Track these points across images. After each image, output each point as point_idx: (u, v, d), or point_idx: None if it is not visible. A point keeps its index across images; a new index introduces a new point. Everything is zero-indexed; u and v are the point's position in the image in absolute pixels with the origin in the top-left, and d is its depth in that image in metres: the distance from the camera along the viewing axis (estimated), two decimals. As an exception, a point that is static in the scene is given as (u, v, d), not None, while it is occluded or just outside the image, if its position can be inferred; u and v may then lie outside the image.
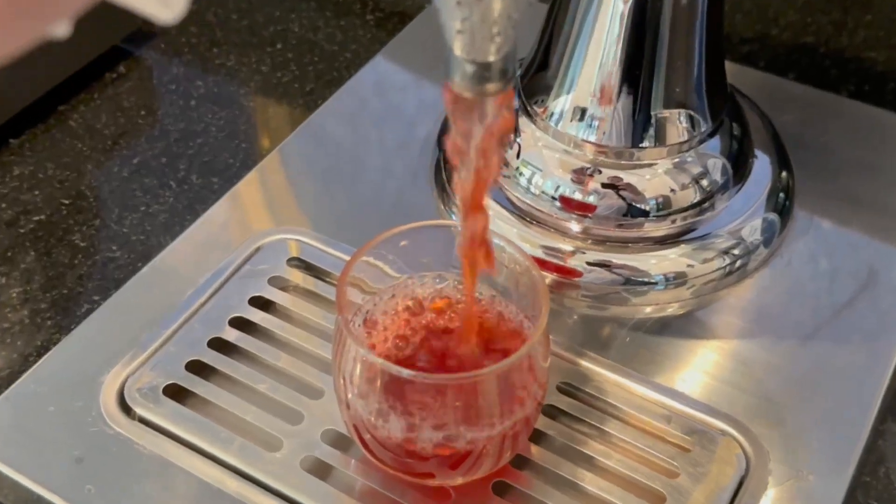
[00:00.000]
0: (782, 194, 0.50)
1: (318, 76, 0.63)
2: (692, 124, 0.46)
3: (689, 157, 0.47)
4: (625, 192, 0.46)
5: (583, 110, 0.46)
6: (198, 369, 0.43)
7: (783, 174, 0.51)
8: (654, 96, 0.44)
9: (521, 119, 0.49)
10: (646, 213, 0.46)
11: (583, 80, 0.46)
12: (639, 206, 0.46)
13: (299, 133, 0.55)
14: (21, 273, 0.50)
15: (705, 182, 0.47)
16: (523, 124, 0.49)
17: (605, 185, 0.46)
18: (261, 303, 0.46)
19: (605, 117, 0.45)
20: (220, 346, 0.44)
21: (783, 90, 0.57)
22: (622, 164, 0.46)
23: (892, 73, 0.60)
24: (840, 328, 0.45)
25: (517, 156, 0.48)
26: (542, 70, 0.48)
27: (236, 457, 0.40)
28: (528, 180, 0.48)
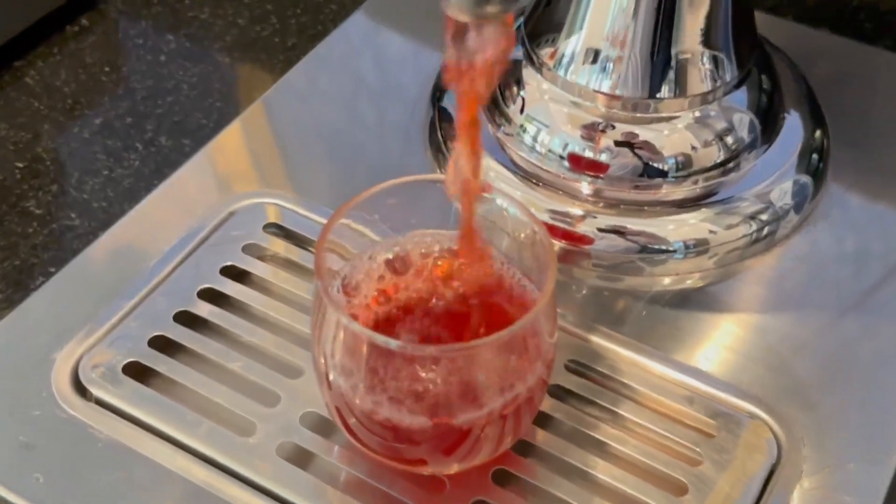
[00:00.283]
0: (816, 155, 0.49)
1: (300, 30, 0.62)
2: (717, 70, 0.45)
3: (713, 110, 0.46)
4: (640, 149, 0.45)
5: (595, 53, 0.45)
6: (162, 346, 0.43)
7: (817, 133, 0.50)
8: (675, 35, 0.43)
9: (525, 70, 0.48)
10: (664, 174, 0.45)
11: (594, 16, 0.44)
12: (656, 165, 0.45)
13: (279, 88, 0.55)
14: (-31, 242, 0.50)
15: (730, 139, 0.46)
16: (527, 76, 0.48)
17: (618, 142, 0.45)
18: (234, 273, 0.45)
19: (619, 60, 0.44)
20: (187, 320, 0.43)
21: (817, 42, 0.56)
22: (638, 117, 0.45)
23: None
24: (876, 303, 0.44)
25: (521, 111, 0.48)
26: (548, 7, 0.46)
27: (204, 442, 0.39)
28: (534, 138, 0.47)
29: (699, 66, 0.45)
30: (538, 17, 0.47)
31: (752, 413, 0.40)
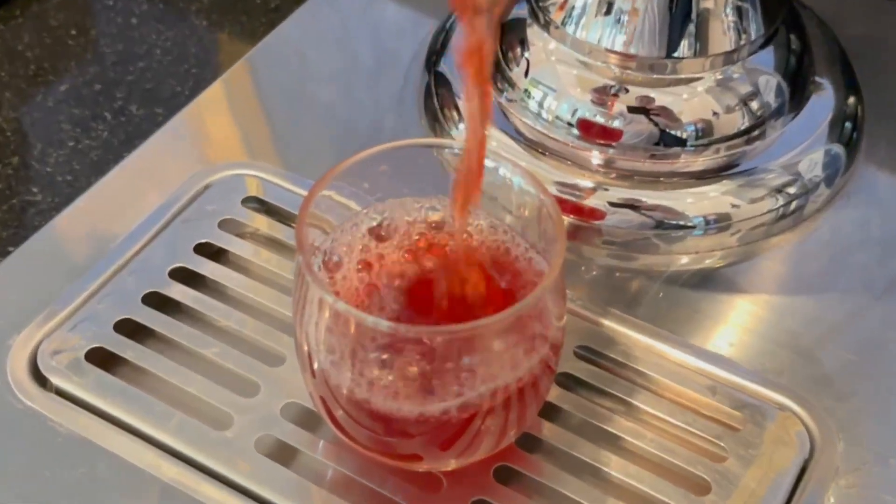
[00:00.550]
0: (849, 123, 0.48)
1: (284, -11, 0.61)
2: (741, 26, 0.44)
3: (737, 71, 0.45)
4: (657, 115, 0.45)
5: (608, 4, 0.44)
6: (130, 330, 0.42)
7: (850, 99, 0.49)
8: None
9: (530, 29, 0.47)
10: (682, 142, 0.45)
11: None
12: (674, 132, 0.45)
13: (261, 50, 0.54)
14: (-80, 218, 0.49)
15: (755, 104, 0.45)
16: (532, 35, 0.47)
17: (632, 107, 0.45)
18: (209, 251, 0.45)
19: (634, 13, 0.43)
20: (158, 302, 0.43)
21: (850, 1, 0.55)
22: (654, 79, 0.45)
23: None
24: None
25: (525, 74, 0.47)
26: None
27: (175, 436, 0.39)
28: (539, 103, 0.46)
29: (722, 20, 0.44)
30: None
31: (781, 404, 0.40)
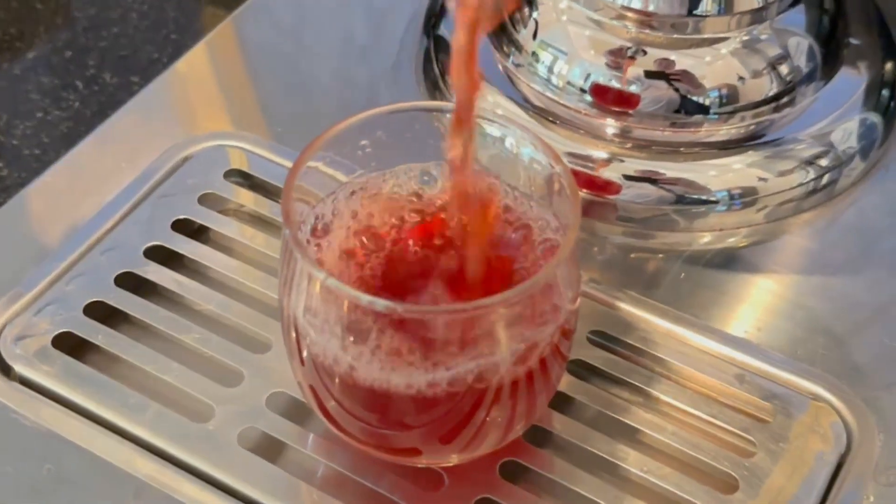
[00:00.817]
0: (886, 91, 0.48)
1: (271, -51, 0.61)
2: None
3: (764, 32, 0.45)
4: (677, 80, 0.44)
5: None
6: (101, 314, 0.42)
7: (888, 65, 0.49)
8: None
9: None
10: (705, 109, 0.45)
11: None
12: (696, 99, 0.45)
13: (246, 11, 0.54)
14: None
15: (785, 68, 0.45)
16: None
17: (650, 71, 0.44)
18: (189, 228, 0.45)
19: None
20: (132, 283, 0.43)
21: None
22: (674, 40, 0.44)
23: None
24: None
25: (533, 36, 0.47)
26: None
27: (151, 429, 0.39)
28: (549, 68, 0.46)
29: (750, -28, 0.44)
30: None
31: (814, 394, 0.40)
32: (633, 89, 0.44)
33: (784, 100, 0.45)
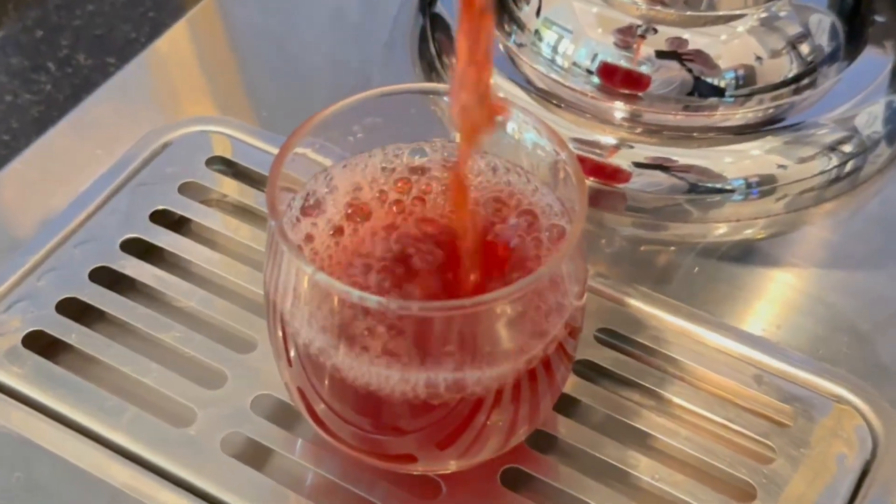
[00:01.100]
0: None
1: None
2: None
3: (784, 9, 0.45)
4: (690, 60, 0.45)
5: None
6: (75, 311, 0.42)
7: None
8: None
9: None
10: (720, 92, 0.45)
11: None
12: (710, 80, 0.45)
13: None
14: None
15: (805, 47, 0.46)
16: None
17: (662, 51, 0.45)
18: (169, 220, 0.45)
19: None
20: (107, 278, 0.43)
21: None
22: (687, 17, 0.45)
23: None
24: None
25: (536, 13, 0.47)
26: None
27: (128, 435, 0.39)
28: (553, 48, 0.46)
29: (769, -55, 0.45)
30: None
31: (838, 395, 0.40)
32: (643, 70, 0.45)
33: (805, 81, 0.45)
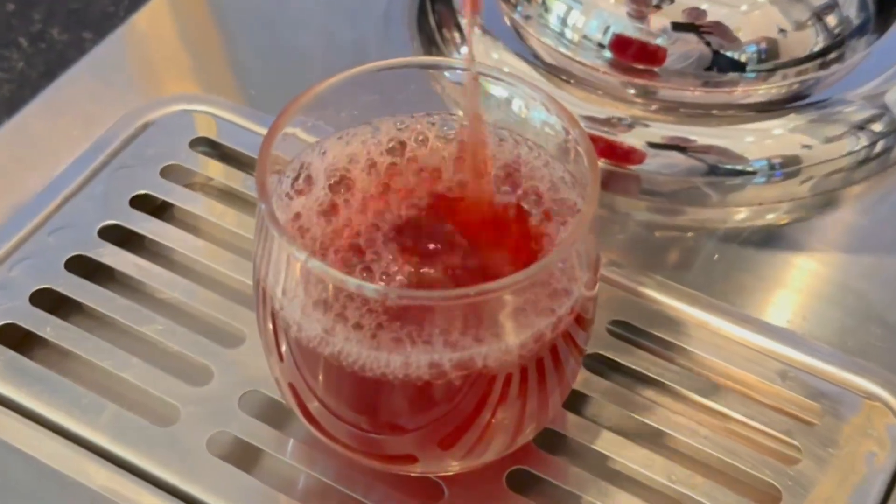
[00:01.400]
0: None
1: None
2: None
3: None
4: (709, 32, 0.45)
5: None
6: (50, 303, 0.42)
7: None
8: None
9: None
10: (741, 67, 0.45)
11: None
12: (730, 54, 0.45)
13: None
14: None
15: (832, 19, 0.46)
16: None
17: (678, 23, 0.45)
18: (150, 205, 0.45)
19: None
20: (85, 267, 0.43)
21: None
22: None
23: None
24: None
25: None
26: None
27: (107, 434, 0.39)
28: (562, 20, 0.47)
29: None
30: None
31: (868, 391, 0.40)
32: (658, 43, 0.45)
33: (831, 55, 0.46)
